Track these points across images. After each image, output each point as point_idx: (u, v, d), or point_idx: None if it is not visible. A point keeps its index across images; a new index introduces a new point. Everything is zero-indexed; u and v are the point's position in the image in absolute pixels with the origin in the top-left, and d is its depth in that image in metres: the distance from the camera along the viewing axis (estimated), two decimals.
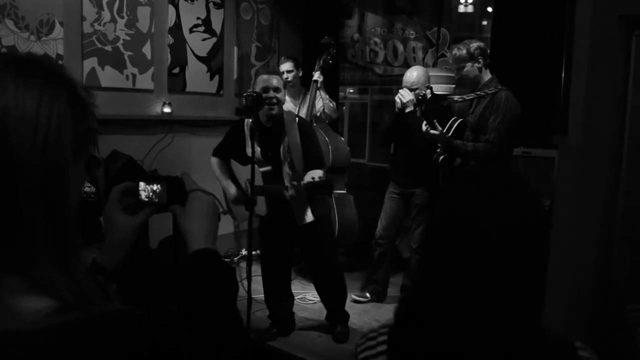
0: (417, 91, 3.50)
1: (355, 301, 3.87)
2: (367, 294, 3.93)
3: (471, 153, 3.14)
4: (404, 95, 3.49)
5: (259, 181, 3.13)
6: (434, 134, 3.24)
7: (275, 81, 3.04)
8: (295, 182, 2.89)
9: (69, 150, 0.65)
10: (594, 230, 3.39)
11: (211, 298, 0.83)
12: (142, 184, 0.98)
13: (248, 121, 3.15)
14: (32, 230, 0.62)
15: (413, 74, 3.58)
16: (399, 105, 3.51)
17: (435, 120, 3.26)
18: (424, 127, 3.28)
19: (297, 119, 3.19)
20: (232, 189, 3.25)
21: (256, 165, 3.14)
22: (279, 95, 3.03)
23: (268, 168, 3.13)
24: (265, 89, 3.00)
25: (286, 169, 3.10)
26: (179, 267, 0.99)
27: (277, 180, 3.10)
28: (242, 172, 3.20)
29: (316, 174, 2.89)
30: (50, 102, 0.64)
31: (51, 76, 0.67)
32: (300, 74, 4.37)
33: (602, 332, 2.72)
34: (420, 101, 3.40)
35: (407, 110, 3.48)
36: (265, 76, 3.07)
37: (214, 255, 0.89)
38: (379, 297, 3.93)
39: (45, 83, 0.65)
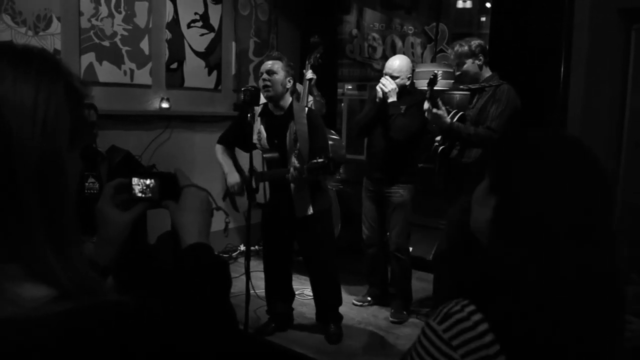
0: (432, 75, 3.24)
1: (356, 305, 3.84)
2: (369, 298, 3.88)
3: (473, 136, 3.08)
4: (386, 84, 3.34)
5: (263, 168, 3.14)
6: (436, 114, 3.10)
7: (269, 65, 3.08)
8: (298, 165, 2.91)
9: (66, 138, 0.66)
10: None
11: (204, 292, 0.83)
12: (135, 180, 0.98)
13: (257, 109, 3.17)
14: (30, 217, 0.62)
15: (395, 62, 3.43)
16: (380, 94, 3.37)
17: (439, 100, 3.14)
18: (426, 105, 3.13)
19: (306, 109, 3.19)
20: (233, 177, 3.21)
21: (261, 152, 3.13)
22: (274, 77, 3.05)
23: (274, 155, 3.12)
24: (260, 74, 3.10)
25: (293, 160, 3.05)
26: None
27: (282, 167, 3.09)
28: (246, 160, 3.16)
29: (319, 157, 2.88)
30: (47, 91, 0.65)
31: (48, 67, 0.68)
32: None
33: None
34: (431, 81, 3.18)
35: (390, 100, 3.35)
36: (263, 64, 3.16)
37: (208, 250, 0.90)
38: (379, 299, 3.86)
39: (42, 73, 0.66)
